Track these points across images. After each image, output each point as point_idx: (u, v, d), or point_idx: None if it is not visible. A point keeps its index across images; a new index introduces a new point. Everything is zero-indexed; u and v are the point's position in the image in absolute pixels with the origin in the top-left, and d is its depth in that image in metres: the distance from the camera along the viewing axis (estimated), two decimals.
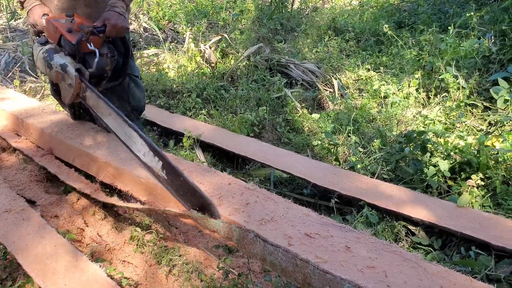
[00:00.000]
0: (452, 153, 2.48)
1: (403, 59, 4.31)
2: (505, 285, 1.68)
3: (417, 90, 3.67)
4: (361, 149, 2.89)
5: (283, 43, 5.22)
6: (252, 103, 3.62)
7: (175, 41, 5.37)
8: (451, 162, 2.41)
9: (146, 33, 5.81)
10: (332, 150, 2.86)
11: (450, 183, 2.31)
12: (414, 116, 3.38)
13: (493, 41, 3.86)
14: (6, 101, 2.64)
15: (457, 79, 3.43)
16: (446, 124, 3.11)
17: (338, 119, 3.42)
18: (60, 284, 1.41)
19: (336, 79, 4.18)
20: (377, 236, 1.88)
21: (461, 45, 3.78)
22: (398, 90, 3.76)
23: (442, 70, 3.59)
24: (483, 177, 2.22)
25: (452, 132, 2.87)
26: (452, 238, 1.97)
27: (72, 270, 1.47)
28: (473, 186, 2.17)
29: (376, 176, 2.46)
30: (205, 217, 1.41)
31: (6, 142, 2.37)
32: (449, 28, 4.09)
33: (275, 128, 3.38)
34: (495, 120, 3.08)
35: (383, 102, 3.71)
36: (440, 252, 1.94)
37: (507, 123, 2.92)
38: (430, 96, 3.62)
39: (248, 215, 1.44)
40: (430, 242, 1.99)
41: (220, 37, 4.66)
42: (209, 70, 4.27)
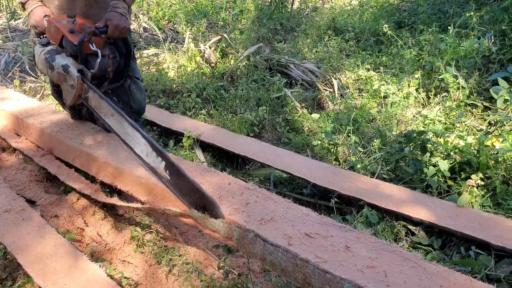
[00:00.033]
0: (452, 153, 2.48)
1: (403, 59, 4.31)
2: (505, 285, 1.68)
3: (417, 90, 3.66)
4: (361, 149, 2.89)
5: (283, 43, 5.22)
6: (252, 103, 3.62)
7: (175, 41, 5.37)
8: (451, 162, 2.42)
9: (146, 33, 5.81)
10: (332, 150, 2.86)
11: (450, 183, 2.31)
12: (414, 116, 3.38)
13: (493, 41, 3.86)
14: (6, 101, 2.64)
15: (457, 79, 3.43)
16: (446, 124, 3.11)
17: (338, 119, 3.42)
18: (60, 284, 1.41)
19: (336, 79, 4.18)
20: (377, 236, 1.88)
21: (461, 45, 3.78)
22: (398, 90, 3.76)
23: (442, 70, 3.59)
24: (483, 177, 2.22)
25: (452, 132, 2.87)
26: (452, 238, 1.97)
27: (72, 270, 1.47)
28: (473, 186, 2.17)
29: (376, 176, 2.46)
30: (205, 217, 1.41)
31: (6, 142, 2.37)
32: (449, 28, 4.09)
33: (275, 128, 3.38)
34: (495, 120, 3.08)
35: (383, 102, 3.71)
36: (440, 252, 1.94)
37: (507, 123, 2.92)
38: (430, 96, 3.62)
39: (248, 215, 1.44)
40: (430, 242, 1.99)
41: (220, 37, 4.66)
42: (209, 70, 4.26)
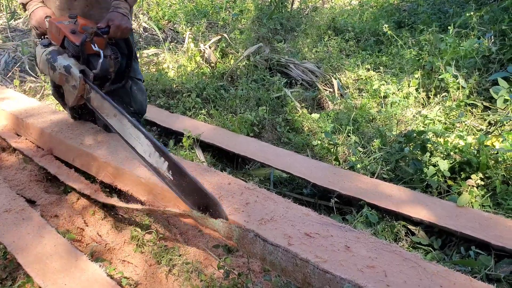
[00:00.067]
0: (452, 153, 2.48)
1: (403, 59, 4.31)
2: (505, 285, 1.68)
3: (417, 90, 3.66)
4: (361, 149, 2.89)
5: (283, 43, 5.22)
6: (252, 103, 3.62)
7: (175, 41, 5.37)
8: (451, 162, 2.42)
9: (146, 33, 5.81)
10: (332, 150, 2.86)
11: (450, 183, 2.31)
12: (414, 116, 3.38)
13: (493, 41, 3.86)
14: (6, 101, 2.64)
15: (457, 79, 3.43)
16: (446, 124, 3.11)
17: (338, 119, 3.42)
18: (60, 284, 1.41)
19: (336, 79, 4.18)
20: (377, 236, 1.88)
21: (461, 45, 3.78)
22: (398, 90, 3.76)
23: (442, 70, 3.59)
24: (483, 177, 2.22)
25: (452, 132, 2.87)
26: (452, 238, 1.97)
27: (72, 270, 1.47)
28: (473, 186, 2.17)
29: (376, 176, 2.46)
30: (205, 217, 1.41)
31: (6, 142, 2.37)
32: (449, 28, 4.09)
33: (275, 128, 3.38)
34: (495, 120, 3.08)
35: (383, 102, 3.71)
36: (440, 252, 1.94)
37: (507, 123, 2.92)
38: (430, 96, 3.62)
39: (248, 215, 1.44)
40: (430, 242, 1.99)
41: (220, 37, 4.66)
42: (209, 70, 4.26)
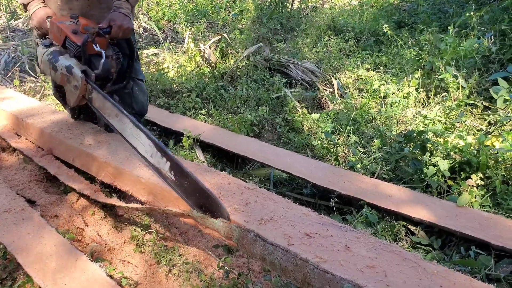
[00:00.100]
0: (452, 153, 2.48)
1: (403, 59, 4.31)
2: (505, 285, 1.68)
3: (417, 90, 3.66)
4: (361, 149, 2.89)
5: (283, 43, 5.22)
6: (252, 103, 3.62)
7: (175, 41, 5.37)
8: (451, 162, 2.42)
9: (146, 33, 5.81)
10: (332, 150, 2.86)
11: (450, 183, 2.31)
12: (414, 116, 3.38)
13: (493, 41, 3.86)
14: (6, 101, 2.64)
15: (457, 79, 3.43)
16: (446, 124, 3.11)
17: (338, 119, 3.42)
18: (60, 284, 1.41)
19: (336, 79, 4.18)
20: (377, 236, 1.88)
21: (461, 45, 3.77)
22: (398, 90, 3.76)
23: (442, 70, 3.59)
24: (483, 177, 2.22)
25: (452, 132, 2.87)
26: (452, 238, 1.97)
27: (72, 270, 1.47)
28: (473, 186, 2.17)
29: (376, 176, 2.46)
30: (205, 217, 1.41)
31: (6, 142, 2.37)
32: (449, 28, 4.08)
33: (275, 128, 3.38)
34: (495, 120, 3.08)
35: (383, 102, 3.71)
36: (440, 252, 1.94)
37: (507, 123, 2.92)
38: (430, 96, 3.62)
39: (248, 215, 1.44)
40: (430, 242, 1.99)
41: (220, 37, 4.66)
42: (209, 70, 4.26)
